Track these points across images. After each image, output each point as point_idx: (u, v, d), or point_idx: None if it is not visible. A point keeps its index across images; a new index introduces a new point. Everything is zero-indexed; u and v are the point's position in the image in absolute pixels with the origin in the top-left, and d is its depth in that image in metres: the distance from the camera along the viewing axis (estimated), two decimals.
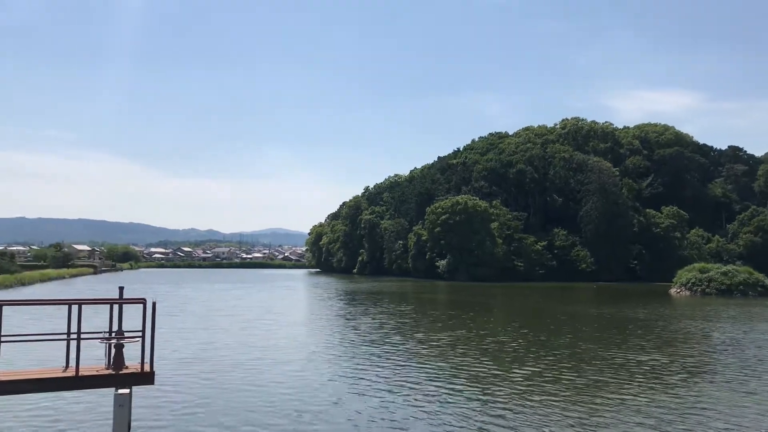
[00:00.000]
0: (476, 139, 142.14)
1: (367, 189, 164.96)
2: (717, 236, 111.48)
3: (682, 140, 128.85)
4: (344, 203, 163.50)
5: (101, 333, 11.51)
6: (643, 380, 17.59)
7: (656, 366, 20.09)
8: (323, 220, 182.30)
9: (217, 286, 75.53)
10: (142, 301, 11.34)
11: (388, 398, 15.16)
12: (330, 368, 19.19)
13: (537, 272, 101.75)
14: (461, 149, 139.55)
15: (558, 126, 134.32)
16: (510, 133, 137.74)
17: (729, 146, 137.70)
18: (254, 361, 20.27)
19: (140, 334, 11.20)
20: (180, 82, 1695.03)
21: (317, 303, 50.67)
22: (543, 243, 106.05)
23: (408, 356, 21.71)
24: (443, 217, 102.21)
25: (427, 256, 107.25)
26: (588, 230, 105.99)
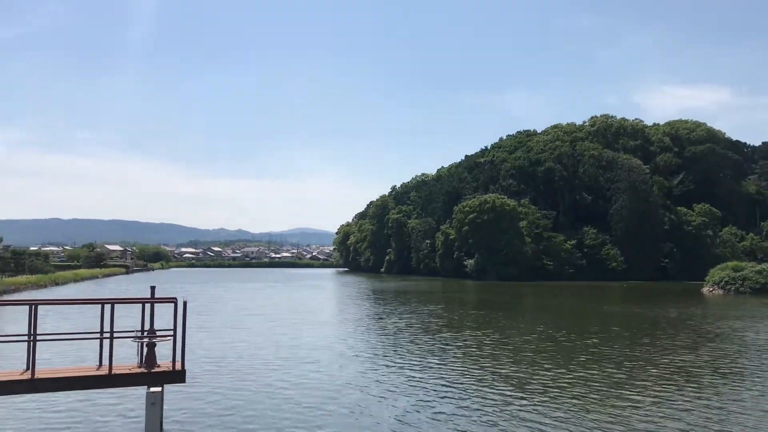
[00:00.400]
0: (504, 138, 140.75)
1: (394, 188, 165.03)
2: (751, 234, 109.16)
3: (715, 137, 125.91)
4: (371, 202, 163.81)
5: (133, 332, 11.73)
6: (674, 381, 17.30)
7: (686, 366, 19.74)
8: (350, 220, 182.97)
9: (247, 285, 76.27)
10: (173, 301, 11.53)
11: (421, 399, 15.07)
12: (358, 368, 19.24)
13: (566, 271, 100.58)
14: (489, 148, 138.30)
15: (587, 123, 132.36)
16: (538, 131, 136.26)
17: (763, 142, 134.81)
18: (283, 360, 20.42)
19: (172, 333, 11.39)
20: (208, 84, 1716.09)
21: (347, 302, 50.81)
22: (572, 242, 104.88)
23: (440, 357, 21.66)
24: (471, 216, 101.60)
25: (455, 255, 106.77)
26: (618, 229, 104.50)
